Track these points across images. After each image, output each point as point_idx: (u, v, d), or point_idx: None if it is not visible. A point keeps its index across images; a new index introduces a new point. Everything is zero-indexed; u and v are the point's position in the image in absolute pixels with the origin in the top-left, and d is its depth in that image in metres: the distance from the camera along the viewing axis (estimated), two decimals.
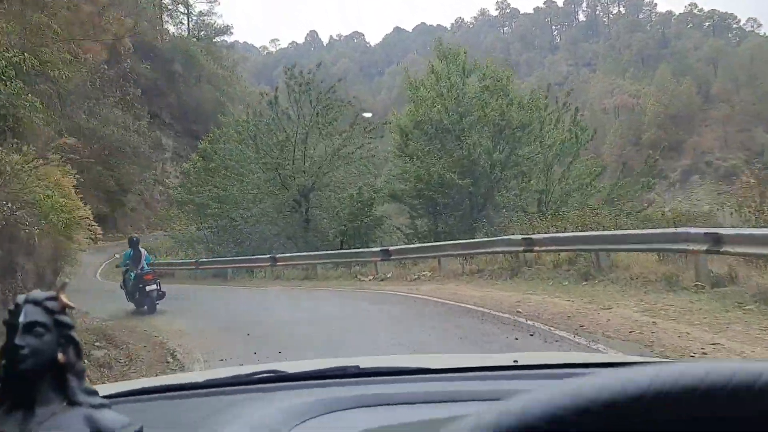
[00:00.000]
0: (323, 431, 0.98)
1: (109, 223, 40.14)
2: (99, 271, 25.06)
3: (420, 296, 10.04)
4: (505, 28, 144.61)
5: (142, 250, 12.77)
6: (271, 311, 10.18)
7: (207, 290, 16.12)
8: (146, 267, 12.25)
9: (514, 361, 1.41)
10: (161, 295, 11.61)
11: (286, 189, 20.56)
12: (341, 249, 20.48)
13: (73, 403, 0.76)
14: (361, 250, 16.15)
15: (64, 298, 0.77)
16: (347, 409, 1.08)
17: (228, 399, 1.22)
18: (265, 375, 1.35)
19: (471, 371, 1.35)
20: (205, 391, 1.29)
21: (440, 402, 1.12)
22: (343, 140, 20.55)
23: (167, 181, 45.17)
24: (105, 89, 43.70)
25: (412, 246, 16.15)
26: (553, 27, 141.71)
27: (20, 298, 0.77)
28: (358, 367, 1.36)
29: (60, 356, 0.75)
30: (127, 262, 12.45)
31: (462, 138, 19.71)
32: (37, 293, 0.77)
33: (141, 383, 1.42)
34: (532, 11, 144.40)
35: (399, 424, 1.02)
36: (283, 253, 17.14)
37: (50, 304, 0.76)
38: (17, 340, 0.73)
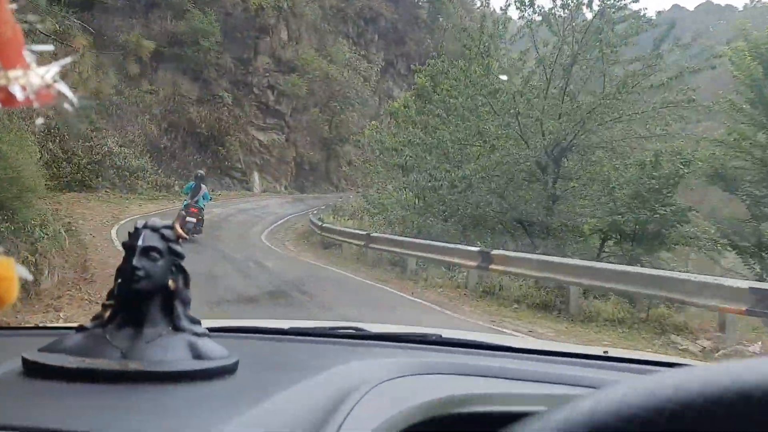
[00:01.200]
0: (406, 392, 0.93)
1: (318, 173, 36.80)
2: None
3: None
4: None
5: (204, 186, 13.99)
6: None
7: (359, 293, 9.25)
8: (201, 201, 13.56)
9: (605, 352, 1.37)
10: (197, 229, 13.24)
11: (524, 143, 12.80)
12: (601, 252, 12.37)
13: (177, 328, 0.82)
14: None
15: (179, 228, 0.85)
16: (429, 374, 1.03)
17: (312, 347, 1.24)
18: (347, 331, 1.39)
19: (557, 355, 1.31)
20: (290, 337, 1.33)
21: (524, 380, 1.06)
22: (643, 68, 11.90)
23: None
24: (338, 26, 40.48)
25: None
26: None
27: (140, 222, 0.83)
28: (440, 336, 1.37)
29: (171, 283, 0.82)
30: (186, 192, 14.01)
31: None
32: (156, 221, 0.84)
33: (231, 322, 1.48)
34: None
35: (483, 394, 0.97)
36: (503, 247, 9.59)
37: (166, 232, 0.83)
38: (135, 262, 0.79)
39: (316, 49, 35.11)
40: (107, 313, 0.84)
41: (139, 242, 0.80)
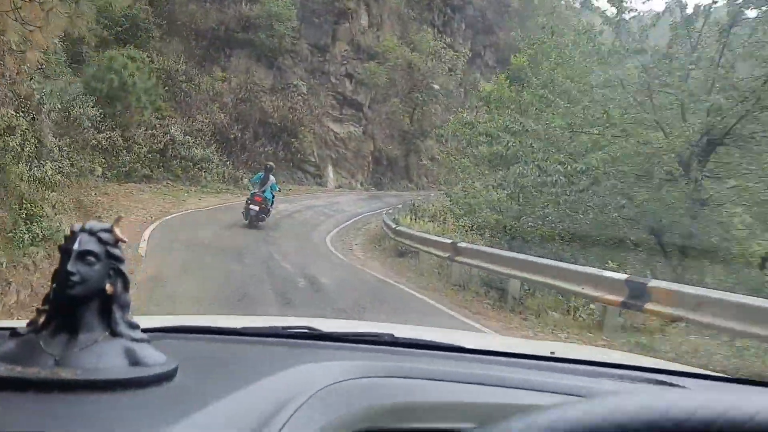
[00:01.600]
0: (350, 397, 0.92)
1: (397, 169, 34.34)
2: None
3: None
4: None
5: (272, 177, 14.70)
6: None
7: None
8: (268, 192, 14.36)
9: (551, 353, 1.37)
10: (261, 217, 14.09)
11: (660, 131, 9.67)
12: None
13: (115, 333, 0.80)
14: None
15: (117, 231, 0.81)
16: (376, 377, 1.01)
17: (262, 349, 1.21)
18: (300, 331, 1.37)
19: (506, 356, 1.32)
20: (240, 338, 1.30)
21: (475, 384, 1.05)
22: None
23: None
24: (423, 13, 37.85)
25: None
26: None
27: (76, 226, 0.81)
28: (392, 335, 1.36)
29: (108, 287, 0.80)
30: (255, 182, 14.91)
31: None
32: (94, 224, 0.81)
33: (180, 320, 1.44)
34: None
35: (435, 402, 0.99)
36: (663, 275, 6.58)
37: (104, 236, 0.80)
38: (69, 266, 0.77)
39: (398, 37, 32.66)
40: (41, 319, 0.81)
41: (75, 246, 0.78)
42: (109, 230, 0.81)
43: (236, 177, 22.69)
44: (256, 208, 13.80)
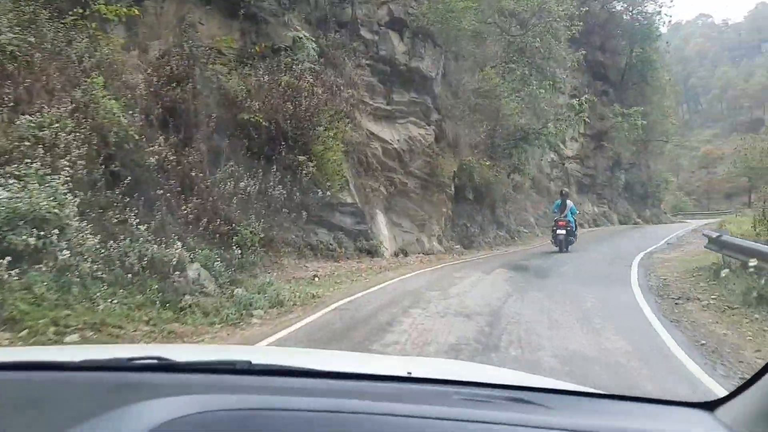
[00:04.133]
0: None
1: (487, 203, 19.25)
2: None
3: None
4: None
5: (569, 202, 15.63)
6: None
7: None
8: (569, 216, 15.15)
9: (408, 373, 1.34)
10: (570, 240, 15.04)
11: None
12: None
13: None
14: None
15: None
16: (228, 410, 0.94)
17: (99, 386, 1.12)
18: (147, 362, 1.24)
19: (362, 379, 1.28)
20: (73, 373, 1.19)
21: (327, 412, 1.00)
22: None
23: None
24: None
25: None
26: None
27: None
28: (250, 362, 1.26)
29: None
30: (555, 210, 15.75)
31: None
32: None
33: (21, 354, 1.37)
34: None
35: None
36: None
37: None
38: None
39: None
40: None
41: None
42: None
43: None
44: (563, 232, 14.82)
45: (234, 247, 9.06)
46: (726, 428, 1.08)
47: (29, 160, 6.41)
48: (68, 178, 6.62)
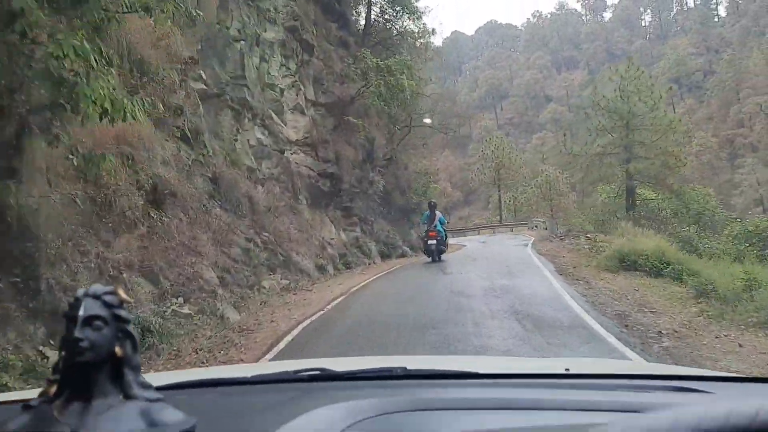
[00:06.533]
0: None
1: None
2: None
3: None
4: (601, 15, 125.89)
5: (438, 213, 16.22)
6: None
7: None
8: (438, 226, 15.82)
9: (566, 370, 1.34)
10: (441, 249, 15.80)
11: None
12: None
13: (129, 396, 0.76)
14: None
15: (122, 293, 0.76)
16: (394, 412, 0.99)
17: (276, 397, 1.19)
18: (311, 373, 1.32)
19: (521, 378, 1.31)
20: (251, 387, 1.28)
21: (492, 409, 1.04)
22: None
23: None
24: None
25: None
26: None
27: (80, 292, 0.76)
28: (405, 368, 1.32)
29: (117, 350, 0.75)
30: (424, 222, 16.45)
31: None
32: (97, 287, 0.76)
33: (192, 374, 1.46)
34: None
35: (454, 431, 0.96)
36: None
37: (109, 299, 0.75)
38: (77, 333, 0.72)
39: None
40: (53, 389, 0.76)
41: (80, 312, 0.74)
42: (113, 292, 0.76)
43: None
44: (434, 242, 15.58)
45: None
46: None
47: None
48: None
